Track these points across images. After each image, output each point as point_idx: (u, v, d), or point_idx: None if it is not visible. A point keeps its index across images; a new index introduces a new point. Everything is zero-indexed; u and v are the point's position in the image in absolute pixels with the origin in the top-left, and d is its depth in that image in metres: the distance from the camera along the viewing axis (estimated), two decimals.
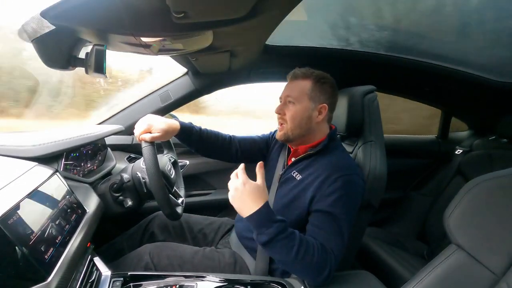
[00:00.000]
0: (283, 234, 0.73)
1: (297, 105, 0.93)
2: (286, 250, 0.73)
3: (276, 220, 0.73)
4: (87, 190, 0.91)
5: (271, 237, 0.72)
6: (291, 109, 0.94)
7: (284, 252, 0.73)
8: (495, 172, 0.64)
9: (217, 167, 1.59)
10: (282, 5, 0.68)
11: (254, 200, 0.73)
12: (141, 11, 0.63)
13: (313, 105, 0.93)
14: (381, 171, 1.01)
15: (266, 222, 0.72)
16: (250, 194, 0.73)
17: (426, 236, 1.70)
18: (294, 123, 0.93)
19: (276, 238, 0.72)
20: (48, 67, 0.77)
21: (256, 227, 0.73)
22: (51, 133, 0.94)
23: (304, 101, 0.93)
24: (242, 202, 0.74)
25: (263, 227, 0.72)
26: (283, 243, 0.72)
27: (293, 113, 0.93)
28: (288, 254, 0.73)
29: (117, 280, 0.74)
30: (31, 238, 0.54)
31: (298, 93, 0.93)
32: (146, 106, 1.47)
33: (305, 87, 0.93)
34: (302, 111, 0.93)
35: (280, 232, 0.72)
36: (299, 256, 0.72)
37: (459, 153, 1.81)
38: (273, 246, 0.73)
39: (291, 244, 0.73)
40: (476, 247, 0.60)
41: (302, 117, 0.93)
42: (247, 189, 0.73)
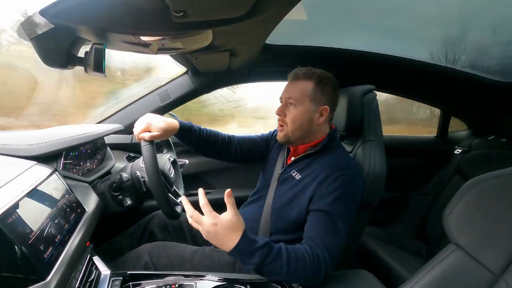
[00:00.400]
0: (269, 258, 0.71)
1: (298, 107, 0.92)
2: (276, 269, 0.72)
3: (258, 247, 0.71)
4: (86, 189, 0.91)
5: (258, 265, 0.71)
6: (292, 111, 0.93)
7: (275, 272, 0.73)
8: (494, 171, 0.64)
9: (216, 167, 1.59)
10: (281, 4, 0.68)
11: (231, 235, 0.70)
12: (141, 10, 0.63)
13: (315, 107, 0.92)
14: (380, 171, 1.01)
15: (248, 253, 0.71)
16: (224, 231, 0.70)
17: (425, 236, 1.70)
18: (295, 125, 0.93)
19: (263, 264, 0.71)
20: (47, 65, 0.76)
21: (241, 259, 0.72)
22: (51, 132, 0.94)
23: (305, 103, 0.91)
24: (219, 240, 0.70)
25: (247, 257, 0.71)
26: (272, 265, 0.72)
27: (294, 115, 0.92)
28: (280, 272, 0.73)
29: (117, 279, 0.74)
30: (30, 237, 0.54)
31: (299, 94, 0.92)
32: (146, 105, 1.47)
33: (307, 88, 0.92)
34: (303, 113, 0.92)
35: (265, 258, 0.71)
36: (291, 269, 0.73)
37: (458, 153, 1.81)
38: (263, 270, 0.73)
39: (280, 264, 0.72)
40: (475, 246, 0.60)
41: (303, 119, 0.92)
42: (219, 228, 0.69)
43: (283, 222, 0.91)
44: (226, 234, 0.70)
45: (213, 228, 0.69)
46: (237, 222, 0.71)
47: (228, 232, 0.70)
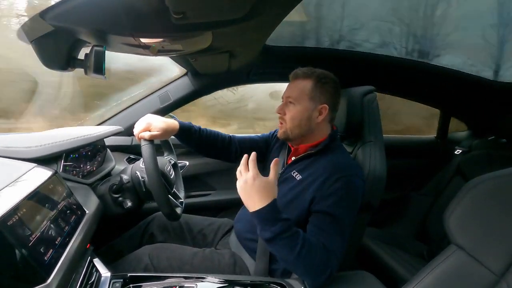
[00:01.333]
0: (287, 233, 0.72)
1: (297, 105, 0.93)
2: (288, 248, 0.73)
3: (281, 218, 0.73)
4: (86, 191, 0.91)
5: (275, 235, 0.72)
6: (291, 110, 0.94)
7: (286, 250, 0.73)
8: (495, 172, 0.65)
9: (217, 168, 1.59)
10: (281, 6, 0.68)
11: (262, 196, 0.73)
12: (140, 12, 0.63)
13: (313, 105, 0.92)
14: (380, 172, 1.01)
15: (270, 220, 0.72)
16: (259, 190, 0.72)
17: (425, 236, 1.69)
18: (294, 123, 0.93)
19: (279, 236, 0.72)
20: (47, 68, 0.77)
21: (261, 223, 0.73)
22: (50, 134, 0.94)
23: (304, 101, 0.92)
24: (250, 196, 0.73)
25: (267, 224, 0.72)
26: (286, 241, 0.72)
27: (292, 114, 0.93)
28: (290, 253, 0.72)
29: (117, 281, 0.74)
30: (30, 239, 0.54)
31: (298, 93, 0.93)
32: (145, 107, 1.47)
33: (306, 87, 0.92)
34: (301, 112, 0.92)
35: (284, 231, 0.72)
36: (301, 255, 0.72)
37: (459, 153, 1.81)
38: (276, 244, 0.73)
39: (294, 243, 0.73)
40: (476, 247, 0.60)
41: (301, 118, 0.93)
42: (256, 184, 0.72)
43: None
44: (259, 193, 0.72)
45: (251, 181, 0.72)
46: (273, 187, 0.75)
47: (262, 191, 0.72)
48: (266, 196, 0.73)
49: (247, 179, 0.73)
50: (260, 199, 0.72)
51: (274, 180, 0.76)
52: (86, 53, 0.79)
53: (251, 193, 0.73)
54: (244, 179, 0.74)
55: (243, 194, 0.74)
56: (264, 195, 0.73)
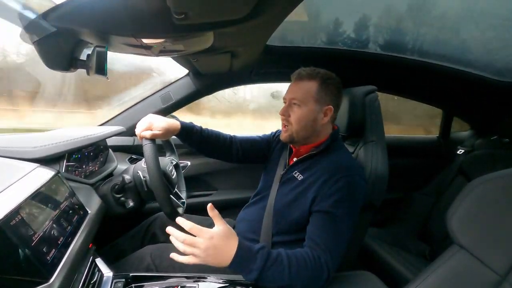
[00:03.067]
0: (269, 261, 0.70)
1: (302, 107, 0.91)
2: (278, 275, 0.71)
3: (257, 250, 0.71)
4: (88, 191, 0.92)
5: (260, 270, 0.69)
6: (296, 112, 0.92)
7: (278, 278, 0.71)
8: (497, 172, 0.64)
9: (218, 168, 1.59)
10: (282, 6, 0.68)
11: (228, 246, 0.68)
12: (142, 13, 0.63)
13: (319, 107, 0.91)
14: (382, 171, 1.01)
15: (249, 259, 0.69)
16: (222, 241, 0.68)
17: (428, 237, 1.69)
18: (300, 125, 0.92)
19: (265, 268, 0.69)
20: (49, 68, 0.77)
21: (243, 269, 0.69)
22: (53, 134, 0.95)
23: (310, 103, 0.91)
24: (219, 256, 0.67)
25: (248, 264, 0.69)
26: (273, 269, 0.70)
27: (298, 116, 0.92)
28: (282, 278, 0.71)
29: (119, 281, 0.74)
30: (33, 239, 0.54)
31: (303, 95, 0.91)
32: (147, 107, 1.48)
33: (311, 88, 0.91)
34: (307, 114, 0.91)
35: (266, 260, 0.70)
36: (293, 274, 0.72)
37: (461, 153, 1.80)
38: (266, 277, 0.70)
39: (281, 268, 0.71)
40: (478, 247, 0.60)
41: (307, 120, 0.92)
42: (216, 240, 0.67)
43: (285, 223, 0.91)
44: (224, 243, 0.68)
45: (210, 242, 0.66)
46: (229, 230, 0.70)
47: (225, 240, 0.68)
48: (231, 242, 0.69)
49: (207, 243, 0.66)
50: (228, 250, 0.68)
51: (222, 223, 0.70)
52: (88, 54, 0.80)
53: (218, 250, 0.67)
54: (204, 246, 0.66)
55: (213, 260, 0.67)
56: (229, 241, 0.69)
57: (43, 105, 1.70)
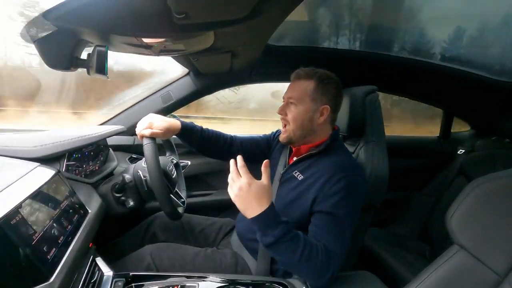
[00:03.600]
0: (287, 236, 0.72)
1: (298, 106, 0.92)
2: (290, 252, 0.72)
3: (281, 221, 0.73)
4: (89, 191, 0.92)
5: (275, 239, 0.71)
6: (292, 110, 0.93)
7: (288, 254, 0.72)
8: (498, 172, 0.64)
9: (218, 168, 1.59)
10: (283, 5, 0.68)
11: (259, 201, 0.71)
12: (143, 12, 0.63)
13: (315, 106, 0.92)
14: (382, 172, 1.01)
15: (271, 224, 0.71)
16: (255, 195, 0.70)
17: (428, 237, 1.69)
18: (296, 124, 0.93)
19: (280, 240, 0.71)
20: (50, 68, 0.77)
21: (261, 229, 0.72)
22: (53, 133, 0.95)
23: (306, 102, 0.92)
24: (247, 203, 0.71)
25: (268, 228, 0.71)
26: (287, 245, 0.72)
27: (294, 115, 0.93)
28: (292, 256, 0.72)
29: (119, 280, 0.74)
30: (33, 238, 0.54)
31: (299, 94, 0.92)
32: (148, 107, 1.48)
33: (307, 88, 0.92)
34: (303, 113, 0.92)
35: (285, 234, 0.71)
36: (303, 258, 0.72)
37: (461, 153, 1.80)
38: (277, 248, 0.72)
39: (295, 246, 0.72)
40: (478, 247, 0.60)
41: (303, 119, 0.92)
42: (252, 190, 0.70)
43: None
44: (256, 198, 0.70)
45: (246, 187, 0.70)
46: (268, 191, 0.73)
47: (258, 196, 0.70)
48: (264, 200, 0.71)
49: (242, 186, 0.70)
50: (258, 204, 0.71)
51: (268, 182, 0.73)
52: (89, 53, 0.80)
53: (248, 200, 0.70)
54: (238, 186, 0.71)
55: (240, 202, 0.71)
56: (262, 200, 0.71)
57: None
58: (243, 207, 0.72)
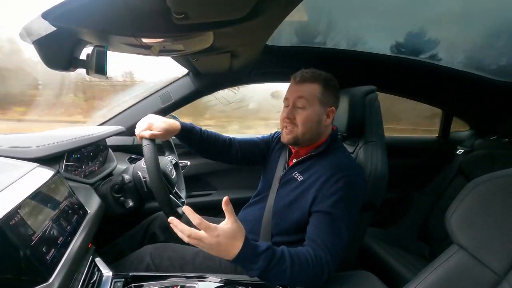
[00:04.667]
0: (272, 262, 0.71)
1: (308, 109, 0.91)
2: (280, 274, 0.72)
3: (262, 251, 0.70)
4: (88, 191, 0.91)
5: (262, 270, 0.70)
6: (301, 113, 0.92)
7: (279, 277, 0.72)
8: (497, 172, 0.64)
9: (218, 168, 1.59)
10: (282, 6, 0.68)
11: (233, 243, 0.68)
12: (142, 12, 0.63)
13: (323, 109, 0.92)
14: (382, 171, 1.01)
15: (252, 258, 0.69)
16: (227, 240, 0.67)
17: (427, 237, 1.69)
18: (306, 127, 0.92)
19: (267, 269, 0.70)
20: (49, 68, 0.77)
21: (245, 266, 0.70)
22: (52, 134, 0.95)
23: (315, 105, 0.91)
24: (223, 251, 0.68)
25: (250, 264, 0.70)
26: (275, 270, 0.71)
27: (304, 118, 0.91)
28: (283, 277, 0.72)
29: (119, 280, 0.74)
30: (32, 239, 0.54)
31: (308, 97, 0.91)
32: (147, 107, 1.48)
33: (315, 91, 0.91)
34: (313, 116, 0.91)
35: (269, 262, 0.70)
36: (294, 274, 0.72)
37: (461, 153, 1.80)
38: (266, 276, 0.71)
39: (283, 268, 0.71)
40: (478, 247, 0.60)
41: (313, 122, 0.92)
42: (221, 238, 0.66)
43: (285, 224, 0.91)
44: (229, 243, 0.67)
45: (215, 239, 0.66)
46: (238, 228, 0.69)
47: (230, 240, 0.67)
48: (237, 239, 0.68)
49: (211, 240, 0.65)
50: (233, 246, 0.68)
51: (233, 221, 0.69)
52: (88, 53, 0.80)
53: (222, 248, 0.67)
54: (208, 242, 0.66)
55: (217, 252, 0.67)
56: (235, 240, 0.68)
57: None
58: (221, 256, 0.69)
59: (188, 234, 0.65)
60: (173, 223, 0.67)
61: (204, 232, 0.66)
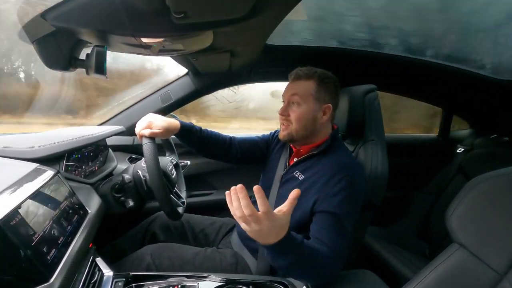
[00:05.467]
0: (301, 258, 0.68)
1: (302, 106, 0.92)
2: (300, 268, 0.70)
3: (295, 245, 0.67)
4: (88, 191, 0.91)
5: (289, 264, 0.67)
6: (295, 110, 0.92)
7: (297, 271, 0.71)
8: (497, 170, 0.64)
9: (218, 167, 1.59)
10: (282, 5, 0.68)
11: (278, 233, 0.63)
12: (141, 12, 0.63)
13: (318, 105, 0.92)
14: (382, 170, 1.01)
15: (286, 251, 0.66)
16: (274, 229, 0.62)
17: (428, 235, 1.69)
18: (300, 124, 0.92)
19: (294, 264, 0.68)
20: (49, 68, 0.77)
21: (275, 255, 0.67)
22: (53, 134, 0.95)
23: (309, 102, 0.92)
24: (267, 237, 0.63)
25: (283, 255, 0.67)
26: (299, 266, 0.69)
27: (298, 114, 0.92)
28: (300, 271, 0.71)
29: (119, 280, 0.74)
30: (33, 239, 0.54)
31: (302, 93, 0.92)
32: (147, 107, 1.48)
33: (309, 87, 0.92)
34: (307, 112, 0.92)
35: (299, 258, 0.68)
36: (307, 268, 0.71)
37: (461, 152, 1.80)
38: (288, 269, 0.70)
39: (304, 263, 0.70)
40: (478, 245, 0.60)
41: (307, 118, 0.92)
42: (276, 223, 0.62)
43: None
44: (275, 231, 0.63)
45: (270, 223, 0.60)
46: (287, 220, 0.64)
47: (277, 228, 0.62)
48: (282, 230, 0.63)
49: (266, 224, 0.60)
50: (276, 235, 0.63)
51: (288, 211, 0.63)
52: (88, 53, 0.80)
53: (268, 235, 0.63)
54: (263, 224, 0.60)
55: (259, 238, 0.63)
56: (280, 230, 0.63)
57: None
58: (261, 240, 0.64)
59: (250, 213, 0.59)
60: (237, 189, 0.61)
61: (264, 214, 0.60)
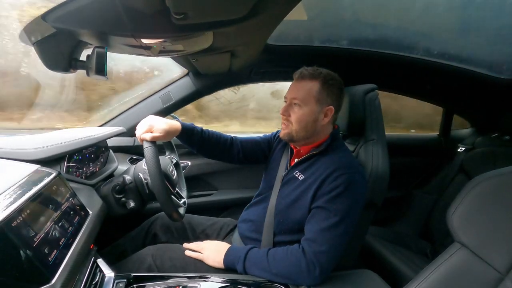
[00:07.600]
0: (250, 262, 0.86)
1: (303, 107, 0.90)
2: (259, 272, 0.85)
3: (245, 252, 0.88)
4: (89, 192, 0.92)
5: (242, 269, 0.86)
6: (296, 112, 0.91)
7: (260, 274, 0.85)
8: (498, 169, 0.64)
9: (219, 168, 1.59)
10: (282, 4, 0.68)
11: (219, 250, 0.92)
12: (141, 13, 0.63)
13: (320, 107, 0.91)
14: (383, 170, 1.01)
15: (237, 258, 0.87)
16: (214, 250, 0.92)
17: (429, 235, 1.69)
18: (300, 125, 0.92)
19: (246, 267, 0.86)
20: (49, 69, 0.77)
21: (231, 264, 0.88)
22: (53, 135, 0.95)
23: (311, 103, 0.90)
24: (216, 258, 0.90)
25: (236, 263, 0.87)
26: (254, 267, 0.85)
27: (299, 116, 0.91)
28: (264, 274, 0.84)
29: (121, 281, 0.74)
30: (34, 240, 0.54)
31: (304, 95, 0.90)
32: (148, 108, 1.48)
33: (313, 89, 0.90)
34: (308, 114, 0.91)
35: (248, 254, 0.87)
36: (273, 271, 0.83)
37: (462, 151, 1.80)
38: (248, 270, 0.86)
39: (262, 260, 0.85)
40: (479, 245, 0.60)
41: (308, 120, 0.91)
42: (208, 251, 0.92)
43: (287, 223, 0.91)
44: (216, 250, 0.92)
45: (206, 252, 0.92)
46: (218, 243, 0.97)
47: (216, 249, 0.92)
48: (222, 247, 0.92)
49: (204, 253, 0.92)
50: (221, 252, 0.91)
51: (210, 241, 0.98)
52: (88, 55, 0.80)
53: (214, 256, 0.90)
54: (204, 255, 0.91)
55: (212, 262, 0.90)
56: (220, 248, 0.92)
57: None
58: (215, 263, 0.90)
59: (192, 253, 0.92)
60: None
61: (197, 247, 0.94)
